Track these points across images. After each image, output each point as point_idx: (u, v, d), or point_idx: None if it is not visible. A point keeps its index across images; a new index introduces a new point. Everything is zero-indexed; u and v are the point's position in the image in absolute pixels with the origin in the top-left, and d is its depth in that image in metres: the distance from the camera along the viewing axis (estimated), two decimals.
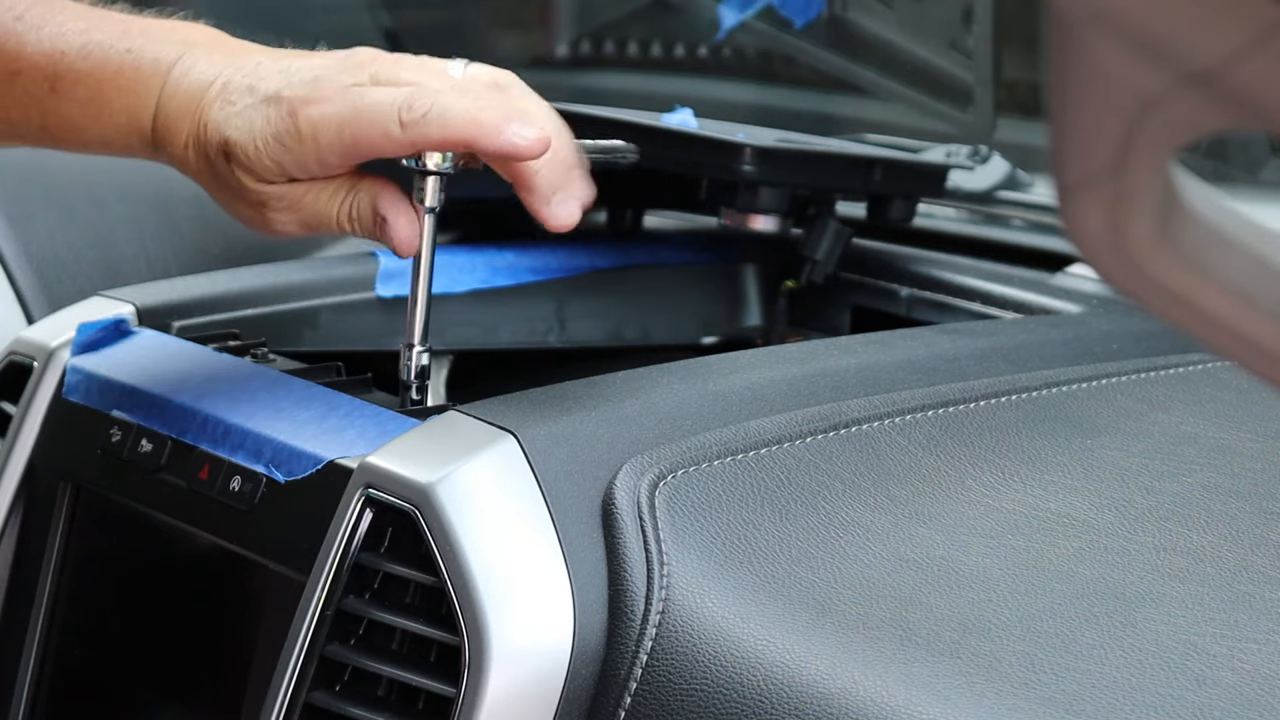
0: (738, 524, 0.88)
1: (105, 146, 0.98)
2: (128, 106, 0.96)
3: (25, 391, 1.11)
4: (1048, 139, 0.41)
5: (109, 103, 0.96)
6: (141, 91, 0.96)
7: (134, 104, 0.96)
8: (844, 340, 1.08)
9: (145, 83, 0.96)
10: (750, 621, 0.83)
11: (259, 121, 0.92)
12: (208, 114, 0.94)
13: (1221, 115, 0.39)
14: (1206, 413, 1.03)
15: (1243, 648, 0.80)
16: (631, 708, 0.84)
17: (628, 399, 0.94)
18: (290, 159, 0.92)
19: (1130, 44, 0.38)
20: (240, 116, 0.93)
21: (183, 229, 1.53)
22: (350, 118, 0.91)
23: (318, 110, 0.91)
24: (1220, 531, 0.89)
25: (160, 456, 1.03)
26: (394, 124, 0.91)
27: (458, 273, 1.23)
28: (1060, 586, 0.85)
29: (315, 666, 0.90)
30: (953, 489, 0.93)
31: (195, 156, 0.95)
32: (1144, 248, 0.42)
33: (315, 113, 0.91)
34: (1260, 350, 0.43)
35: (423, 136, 0.91)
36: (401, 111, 0.91)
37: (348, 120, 0.91)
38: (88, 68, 0.96)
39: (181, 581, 1.04)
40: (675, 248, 1.35)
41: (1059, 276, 1.30)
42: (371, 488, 0.90)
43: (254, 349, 1.09)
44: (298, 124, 0.91)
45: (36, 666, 1.09)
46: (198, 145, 0.95)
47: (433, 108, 0.91)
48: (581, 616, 0.86)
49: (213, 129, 0.93)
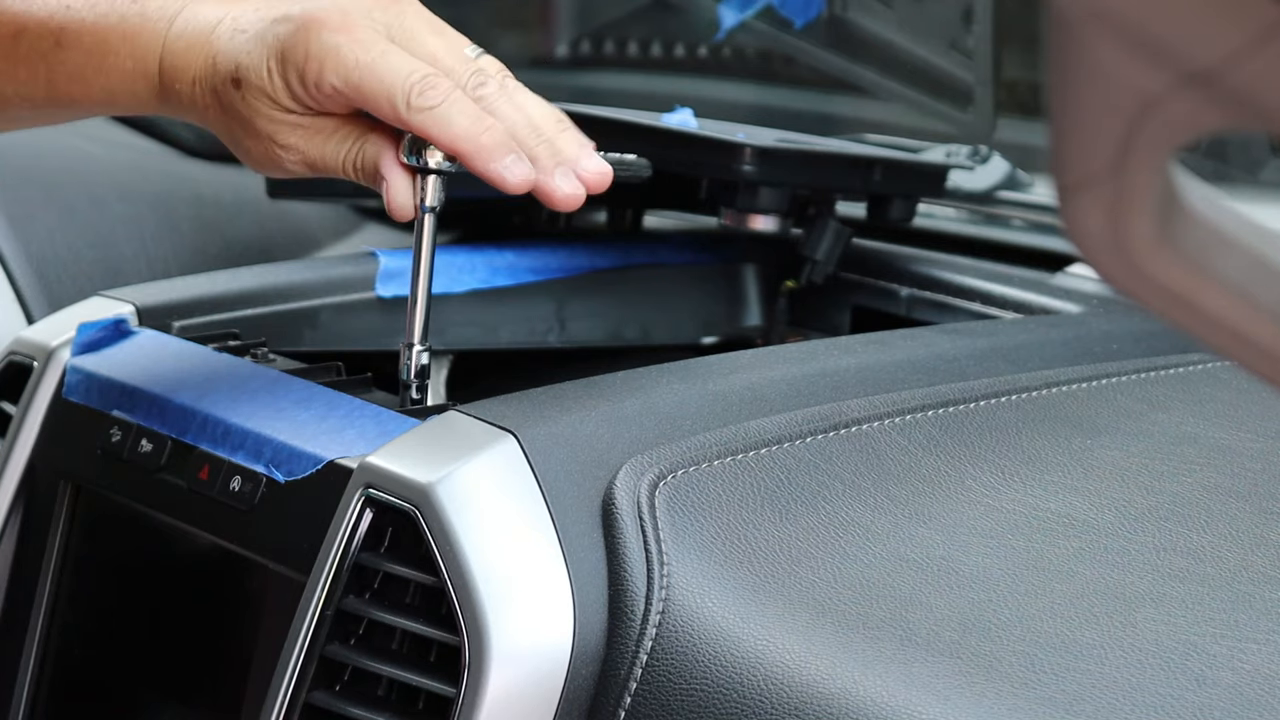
0: (738, 524, 0.88)
1: (110, 98, 0.97)
2: (133, 52, 0.95)
3: (25, 391, 1.11)
4: (1048, 139, 0.41)
5: (115, 49, 0.95)
6: (147, 34, 0.95)
7: (140, 49, 0.95)
8: (844, 340, 1.08)
9: (151, 26, 0.95)
10: (750, 621, 0.83)
11: (269, 39, 0.91)
12: (217, 46, 0.93)
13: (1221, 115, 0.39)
14: (1206, 413, 1.03)
15: (1243, 648, 0.80)
16: (631, 708, 0.84)
17: (628, 399, 0.94)
18: (295, 76, 0.91)
19: (1130, 44, 0.38)
20: (251, 41, 0.92)
21: (183, 229, 1.54)
22: (364, 66, 0.90)
23: (333, 39, 0.90)
24: (1220, 531, 0.89)
25: (160, 456, 1.03)
26: (400, 101, 0.90)
27: (458, 273, 1.23)
28: (1060, 586, 0.85)
29: (315, 666, 0.90)
30: (953, 489, 0.93)
31: (203, 93, 0.94)
32: (1144, 248, 0.42)
33: (330, 40, 0.90)
34: (1260, 350, 0.43)
35: (421, 127, 0.91)
36: (412, 94, 0.90)
37: (360, 68, 0.90)
38: (93, 17, 0.96)
39: (181, 581, 1.04)
40: (675, 248, 1.35)
41: (1059, 276, 1.30)
42: (371, 488, 0.90)
43: (254, 349, 1.09)
44: (308, 44, 0.90)
45: (36, 666, 1.09)
46: (207, 80, 0.94)
47: (441, 105, 0.91)
48: (581, 616, 0.86)
49: (223, 59, 0.93)
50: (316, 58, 0.90)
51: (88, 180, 1.53)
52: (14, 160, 1.51)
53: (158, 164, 1.66)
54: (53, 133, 1.67)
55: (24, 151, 1.55)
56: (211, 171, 1.63)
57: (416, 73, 0.91)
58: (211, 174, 1.62)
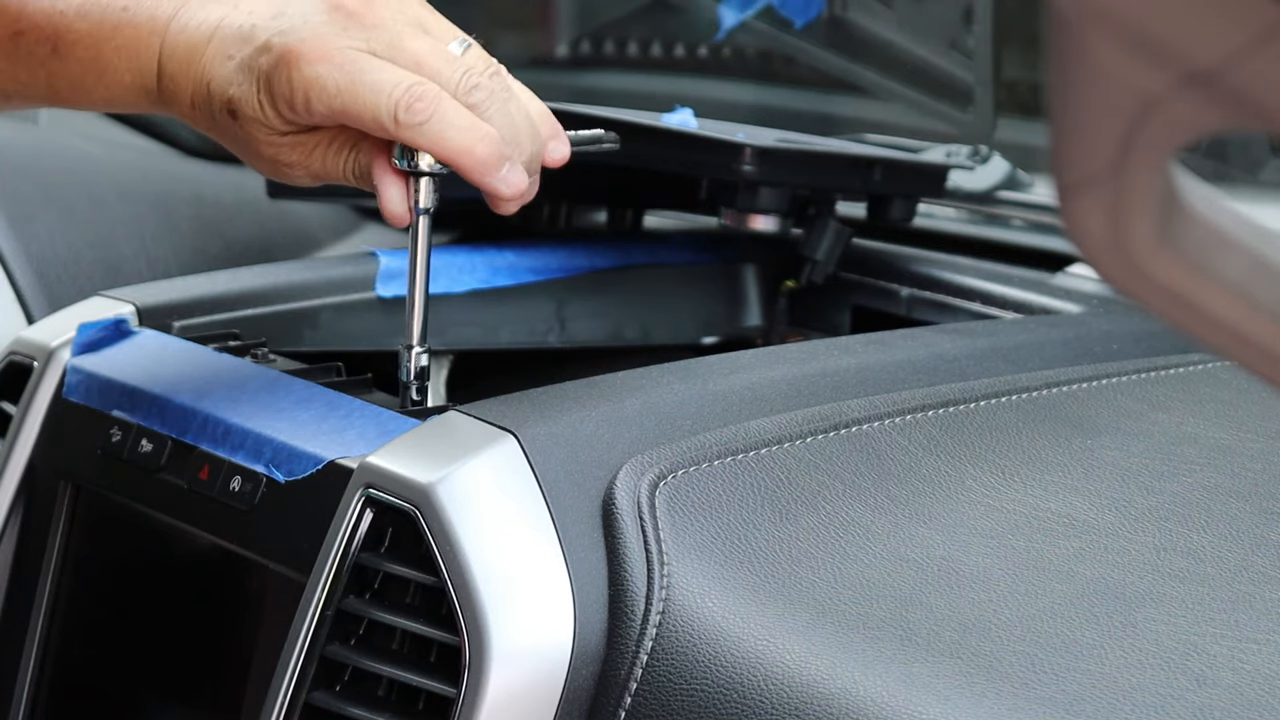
0: (738, 524, 0.88)
1: (114, 104, 0.97)
2: (131, 68, 0.95)
3: (25, 391, 1.11)
4: (1048, 139, 0.41)
5: (110, 64, 0.95)
6: (141, 51, 0.94)
7: (136, 64, 0.95)
8: (844, 340, 1.08)
9: (143, 41, 0.94)
10: (750, 621, 0.83)
11: (255, 70, 0.91)
12: (209, 72, 0.92)
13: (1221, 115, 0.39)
14: (1206, 413, 1.03)
15: (1243, 648, 0.80)
16: (631, 708, 0.84)
17: (628, 399, 0.94)
18: (285, 106, 0.90)
19: (1130, 44, 0.38)
20: (239, 71, 0.92)
21: (183, 229, 1.54)
22: (346, 88, 0.89)
23: (312, 70, 0.90)
24: (1220, 531, 0.89)
25: (160, 456, 1.03)
26: (388, 118, 0.90)
27: (458, 273, 1.23)
28: (1060, 586, 0.85)
29: (315, 666, 0.90)
30: (953, 489, 0.93)
31: (203, 116, 0.94)
32: (1144, 248, 0.42)
33: (310, 72, 0.90)
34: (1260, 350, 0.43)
35: (413, 142, 0.91)
36: (399, 109, 0.89)
37: (343, 90, 0.89)
38: (86, 28, 0.95)
39: (181, 581, 1.04)
40: (675, 248, 1.35)
41: (1059, 276, 1.30)
42: (372, 488, 0.90)
43: (254, 349, 1.09)
44: (290, 77, 0.90)
45: (36, 666, 1.09)
46: (204, 105, 0.93)
47: (432, 119, 0.90)
48: (581, 616, 0.86)
49: (215, 88, 0.92)
50: (300, 89, 0.90)
51: (88, 180, 1.53)
52: (14, 160, 1.51)
53: (158, 164, 1.66)
54: (52, 133, 1.67)
55: (24, 151, 1.55)
56: (211, 171, 1.63)
57: (400, 86, 0.89)
58: (211, 174, 1.62)
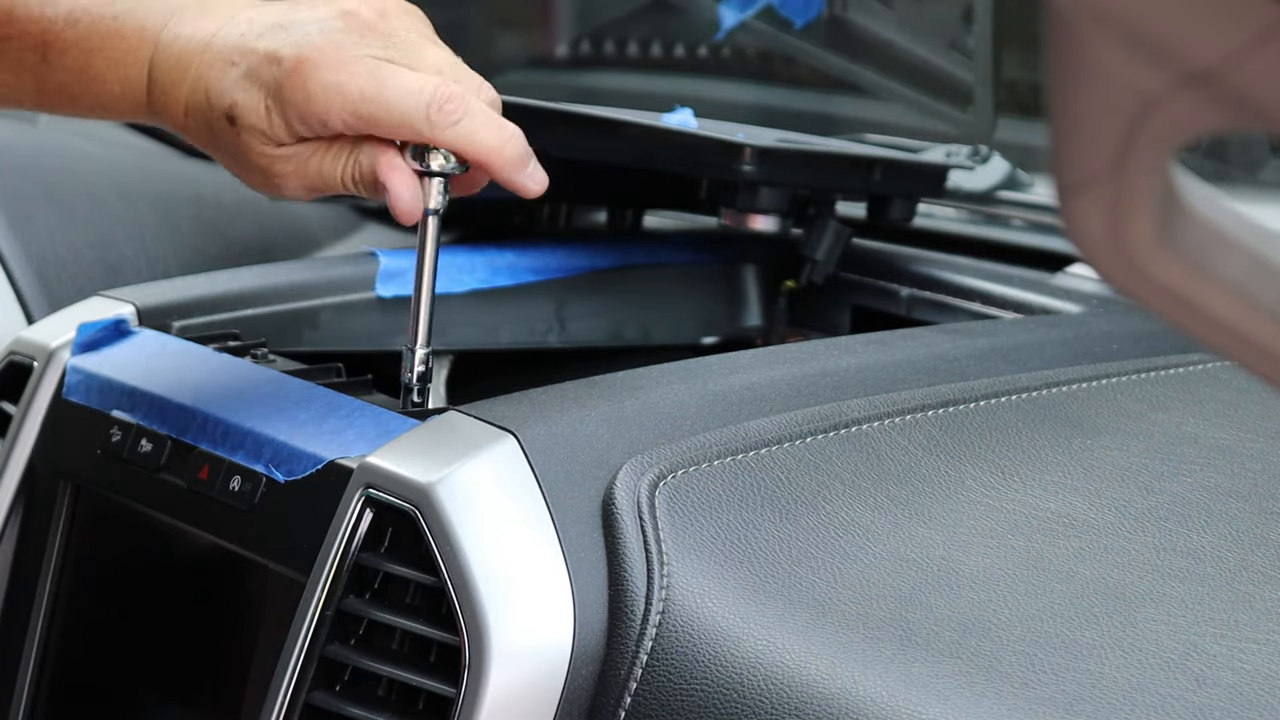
0: (738, 524, 0.88)
1: (103, 113, 0.96)
2: (120, 77, 0.94)
3: (25, 391, 1.11)
4: (1048, 139, 0.41)
5: (100, 74, 0.94)
6: (130, 61, 0.93)
7: (125, 74, 0.94)
8: (844, 340, 1.08)
9: (133, 52, 0.93)
10: (750, 621, 0.83)
11: (263, 78, 0.90)
12: (208, 79, 0.91)
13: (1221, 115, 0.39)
14: (1206, 413, 1.03)
15: (1243, 648, 0.80)
16: (631, 708, 0.84)
17: (628, 399, 0.94)
18: (296, 117, 0.90)
19: (1130, 44, 0.38)
20: (244, 79, 0.91)
21: (183, 229, 1.54)
22: (373, 94, 0.89)
23: (332, 78, 0.89)
24: (1220, 531, 0.89)
25: (160, 456, 1.03)
26: (421, 119, 0.89)
27: (458, 273, 1.23)
28: (1060, 586, 0.85)
29: (315, 666, 0.90)
30: (953, 489, 0.93)
31: (197, 125, 0.93)
32: (1144, 248, 0.42)
33: (328, 80, 0.89)
34: (1260, 350, 0.43)
35: (449, 144, 0.90)
36: (432, 110, 0.89)
37: (369, 97, 0.89)
38: (74, 36, 0.94)
39: (181, 581, 1.04)
40: (675, 248, 1.35)
41: (1059, 276, 1.30)
42: (372, 488, 0.90)
43: (254, 349, 1.09)
44: (306, 87, 0.89)
45: (36, 666, 1.09)
46: (199, 113, 0.92)
47: (464, 119, 0.90)
48: (581, 616, 0.86)
49: (216, 95, 0.91)
50: (319, 99, 0.89)
51: (88, 180, 1.53)
52: (14, 160, 1.51)
53: (158, 164, 1.66)
54: (52, 133, 1.67)
55: (24, 151, 1.55)
56: (211, 171, 1.62)
57: (428, 88, 0.90)
58: (211, 174, 1.62)
